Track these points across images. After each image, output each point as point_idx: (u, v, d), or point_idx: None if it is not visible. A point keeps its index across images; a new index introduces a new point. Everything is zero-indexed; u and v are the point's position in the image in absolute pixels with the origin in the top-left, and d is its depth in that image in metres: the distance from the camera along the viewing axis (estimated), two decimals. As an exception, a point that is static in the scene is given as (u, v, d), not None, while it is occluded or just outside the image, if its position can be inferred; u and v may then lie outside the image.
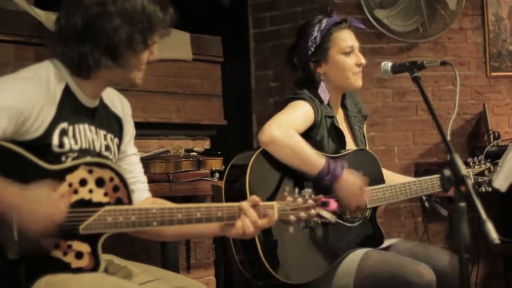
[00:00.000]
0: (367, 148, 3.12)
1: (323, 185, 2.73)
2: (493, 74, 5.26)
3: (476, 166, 3.20)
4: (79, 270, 2.07)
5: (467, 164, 3.16)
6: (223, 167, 3.40)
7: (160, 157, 3.32)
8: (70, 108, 2.14)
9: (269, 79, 5.34)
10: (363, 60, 2.99)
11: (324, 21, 3.00)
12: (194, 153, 3.54)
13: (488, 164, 3.23)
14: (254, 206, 2.23)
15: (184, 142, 3.84)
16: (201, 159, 3.43)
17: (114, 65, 2.15)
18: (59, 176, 2.06)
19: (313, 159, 2.74)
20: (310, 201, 2.30)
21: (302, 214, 2.28)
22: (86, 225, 2.06)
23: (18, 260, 2.00)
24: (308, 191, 2.32)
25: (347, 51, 2.97)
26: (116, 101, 2.36)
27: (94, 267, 2.09)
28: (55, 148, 2.08)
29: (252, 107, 5.44)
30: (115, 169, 2.13)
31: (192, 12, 5.05)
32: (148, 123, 3.67)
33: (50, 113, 2.08)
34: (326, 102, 2.94)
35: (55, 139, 2.08)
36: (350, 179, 2.77)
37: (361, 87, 3.07)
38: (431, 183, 3.01)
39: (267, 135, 2.73)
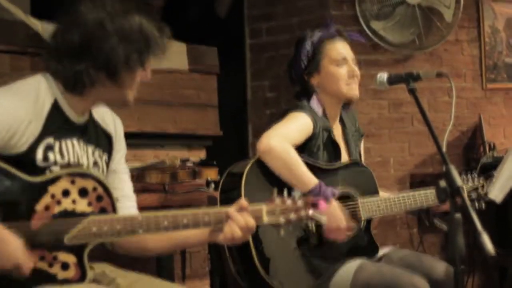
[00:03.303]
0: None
1: None
2: (489, 86, 5.27)
3: (469, 183, 3.19)
4: (65, 281, 2.05)
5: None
6: (219, 177, 3.39)
7: (156, 168, 3.32)
8: (57, 124, 2.12)
9: (265, 90, 5.35)
10: (356, 70, 2.99)
11: (317, 34, 3.01)
12: (189, 164, 3.53)
13: (482, 182, 3.20)
14: (242, 210, 2.21)
15: (179, 153, 3.84)
16: (196, 169, 3.43)
17: (109, 83, 2.14)
18: (42, 187, 2.04)
19: (305, 177, 2.74)
20: (300, 202, 2.27)
21: (292, 216, 2.25)
22: (71, 236, 2.04)
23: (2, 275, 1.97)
24: (298, 193, 2.30)
25: (339, 61, 2.97)
26: (108, 118, 2.35)
27: (81, 278, 2.08)
28: (40, 163, 2.07)
29: (248, 117, 5.44)
30: (98, 178, 2.11)
31: (188, 22, 5.07)
32: (143, 134, 3.67)
33: (36, 128, 2.06)
34: (320, 114, 2.95)
35: (40, 154, 2.06)
36: (337, 209, 2.76)
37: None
38: (425, 196, 3.00)
39: (264, 145, 2.74)
